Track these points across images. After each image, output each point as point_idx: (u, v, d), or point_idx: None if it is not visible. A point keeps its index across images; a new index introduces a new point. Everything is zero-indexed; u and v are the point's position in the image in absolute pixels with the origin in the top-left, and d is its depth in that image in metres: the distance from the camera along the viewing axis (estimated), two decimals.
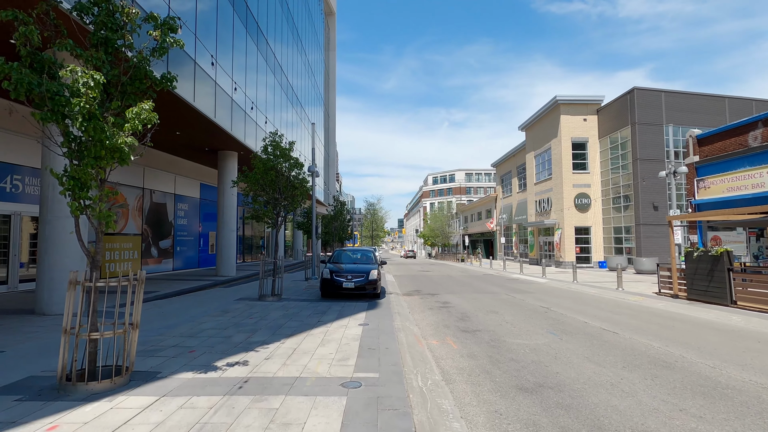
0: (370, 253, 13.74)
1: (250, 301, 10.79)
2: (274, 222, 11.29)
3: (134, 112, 4.11)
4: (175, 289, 13.08)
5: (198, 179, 21.48)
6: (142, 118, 4.15)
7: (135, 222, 16.88)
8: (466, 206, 63.68)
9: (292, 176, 11.38)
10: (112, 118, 4.16)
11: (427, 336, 7.36)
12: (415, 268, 31.25)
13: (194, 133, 15.22)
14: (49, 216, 8.37)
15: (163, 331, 7.12)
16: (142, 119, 4.17)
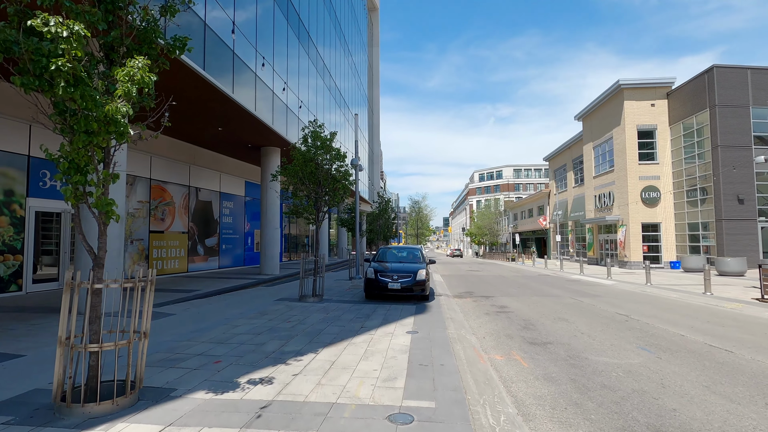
0: (417, 252, 12.72)
1: (290, 302, 10.13)
2: (315, 217, 10.56)
3: (125, 73, 3.37)
4: (216, 287, 12.76)
5: (243, 177, 21.45)
6: (136, 79, 3.40)
7: (181, 220, 16.93)
8: (515, 203, 60.87)
9: (333, 168, 10.59)
10: (101, 83, 3.43)
11: (488, 349, 6.24)
12: (463, 268, 29.81)
13: (236, 127, 14.90)
14: (84, 211, 8.07)
15: (193, 335, 6.52)
16: (137, 81, 3.41)
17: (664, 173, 26.32)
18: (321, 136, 10.25)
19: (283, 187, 10.55)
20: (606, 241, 30.18)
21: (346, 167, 10.66)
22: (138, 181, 14.78)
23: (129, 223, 14.28)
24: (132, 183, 14.50)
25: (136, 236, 14.59)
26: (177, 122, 14.04)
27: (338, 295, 11.81)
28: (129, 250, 14.22)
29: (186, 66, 9.61)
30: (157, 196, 15.68)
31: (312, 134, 10.34)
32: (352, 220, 18.53)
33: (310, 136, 10.42)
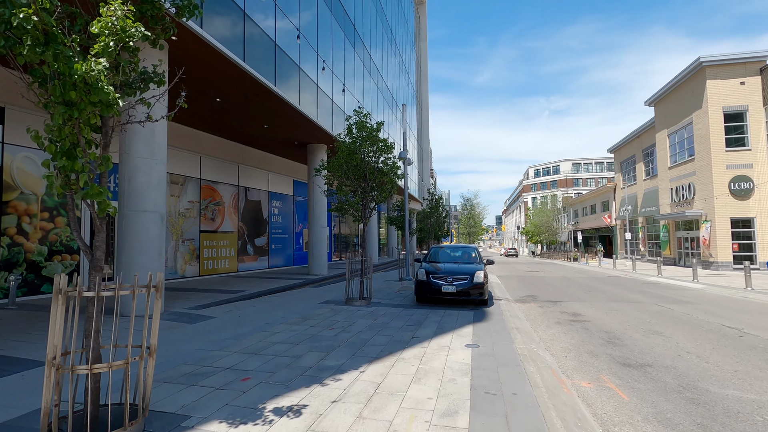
0: (473, 251, 11.57)
1: (336, 306, 9.42)
2: (361, 214, 9.78)
3: (103, 25, 2.67)
4: (263, 288, 12.40)
5: (291, 176, 21.31)
6: (116, 30, 2.69)
7: (231, 220, 16.94)
8: (575, 199, 57.02)
9: (380, 161, 9.76)
10: (76, 40, 2.76)
11: (569, 371, 5.08)
12: (520, 268, 27.95)
13: (281, 123, 14.53)
14: (125, 210, 7.84)
15: (227, 343, 5.93)
16: (117, 33, 2.71)
17: (758, 161, 22.94)
18: (367, 126, 9.45)
19: (327, 182, 9.89)
20: (685, 238, 26.98)
21: (394, 159, 9.78)
22: (188, 182, 14.85)
23: (180, 223, 14.36)
24: (182, 183, 14.59)
25: (187, 236, 14.66)
26: (224, 121, 13.91)
27: (387, 297, 10.96)
28: (180, 249, 14.30)
29: (225, 57, 9.20)
30: (207, 196, 15.73)
31: (357, 124, 9.57)
32: (401, 218, 17.67)
33: (355, 126, 9.65)
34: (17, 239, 9.80)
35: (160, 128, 8.18)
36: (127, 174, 7.85)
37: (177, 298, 10.15)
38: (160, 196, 8.13)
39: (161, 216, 8.14)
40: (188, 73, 9.96)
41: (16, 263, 9.74)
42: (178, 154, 14.37)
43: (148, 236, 7.86)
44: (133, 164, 7.84)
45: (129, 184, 7.84)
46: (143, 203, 7.85)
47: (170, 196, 14.01)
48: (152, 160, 7.99)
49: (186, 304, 9.25)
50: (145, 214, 7.87)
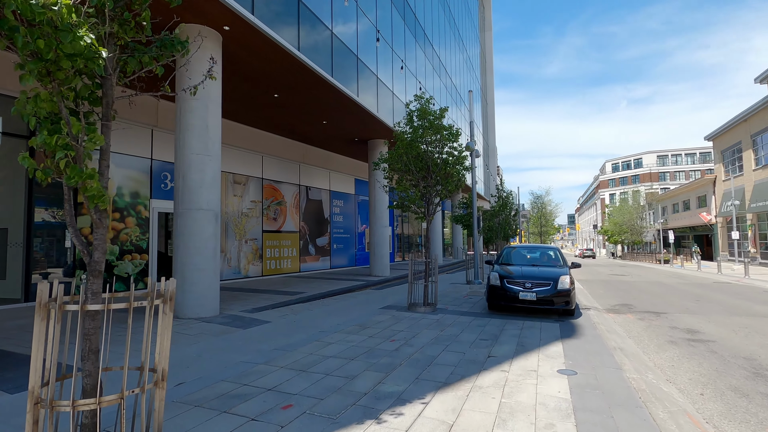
0: (554, 252, 10.10)
1: (397, 312, 8.55)
2: (425, 211, 8.82)
3: None
4: (322, 290, 11.89)
5: (352, 174, 20.88)
6: None
7: (293, 219, 16.80)
8: (663, 195, 51.24)
9: (444, 151, 8.73)
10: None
11: (714, 418, 3.72)
12: (602, 271, 25.21)
13: (340, 118, 14.01)
14: (180, 208, 7.59)
15: (275, 354, 5.28)
16: None
17: None
18: (429, 111, 8.47)
19: (387, 177, 9.05)
20: None
21: (460, 148, 8.70)
22: (251, 181, 14.85)
23: (243, 222, 14.38)
24: (245, 183, 14.61)
25: (250, 236, 14.65)
26: (283, 118, 13.67)
27: (454, 303, 9.88)
28: (243, 249, 14.31)
29: (281, 48, 8.72)
30: (269, 195, 15.67)
31: (419, 111, 8.62)
32: (468, 216, 16.42)
33: (416, 114, 8.72)
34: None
35: (213, 123, 7.85)
36: (181, 171, 7.60)
37: (236, 299, 9.90)
38: (214, 194, 7.80)
39: (215, 215, 7.81)
40: (245, 68, 9.67)
41: None
42: (240, 154, 14.40)
43: (202, 235, 7.55)
44: (187, 161, 7.57)
45: (183, 181, 7.57)
46: (197, 201, 7.55)
47: (233, 196, 14.07)
48: (206, 156, 7.67)
49: (243, 306, 8.90)
50: (199, 212, 7.56)
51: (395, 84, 15.83)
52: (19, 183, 9.09)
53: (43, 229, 9.39)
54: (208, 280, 7.58)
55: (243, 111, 12.78)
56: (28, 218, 9.07)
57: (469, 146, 11.18)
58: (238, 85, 10.61)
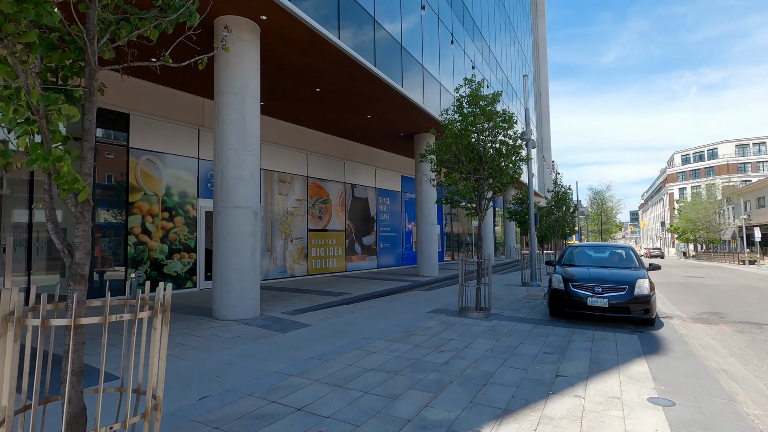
0: (627, 252, 8.88)
1: (447, 317, 7.82)
2: (476, 206, 8.02)
3: None
4: (367, 291, 11.39)
5: (399, 171, 20.28)
6: None
7: (338, 218, 16.50)
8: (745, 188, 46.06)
9: (498, 140, 7.88)
10: None
11: None
12: (675, 272, 22.79)
13: (384, 111, 13.45)
14: (218, 206, 7.36)
15: (310, 365, 4.78)
16: None
17: None
18: (481, 96, 7.66)
19: (434, 170, 8.33)
20: None
21: (516, 136, 7.81)
22: (295, 180, 14.69)
23: (289, 221, 14.24)
24: (290, 181, 14.46)
25: (296, 235, 14.49)
26: (326, 114, 13.33)
27: (510, 308, 8.98)
28: (289, 248, 14.17)
29: (321, 37, 8.29)
30: (314, 193, 15.45)
31: (469, 97, 7.83)
32: (523, 213, 15.24)
33: (466, 99, 7.94)
34: (142, 238, 10.29)
35: (251, 118, 7.55)
36: (219, 167, 7.36)
37: (279, 300, 9.64)
38: (252, 190, 7.49)
39: (254, 212, 7.50)
40: (284, 61, 9.35)
41: (141, 261, 10.23)
42: (284, 152, 14.27)
43: (240, 234, 7.26)
44: (225, 157, 7.32)
45: (221, 178, 7.33)
46: (235, 198, 7.27)
47: (278, 194, 13.96)
48: (244, 152, 7.38)
49: (284, 307, 8.57)
50: (237, 210, 7.28)
51: (442, 74, 15.02)
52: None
53: (103, 228, 9.63)
54: (248, 280, 7.29)
55: (285, 107, 12.58)
56: None
57: (525, 135, 10.17)
58: (278, 79, 10.35)
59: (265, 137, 13.36)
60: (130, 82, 10.17)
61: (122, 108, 10.09)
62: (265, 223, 13.41)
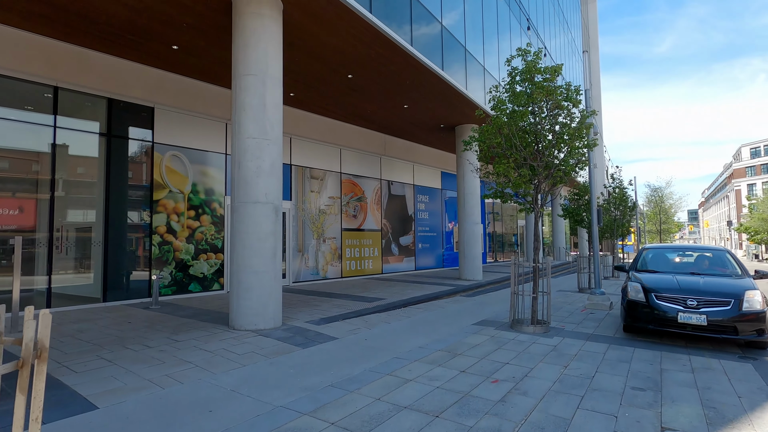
0: (723, 256, 7.27)
1: (497, 330, 6.62)
2: (532, 200, 6.76)
3: None
4: (404, 297, 10.33)
5: (438, 167, 19.05)
6: None
7: (374, 216, 15.55)
8: None
9: (559, 121, 6.59)
10: None
11: None
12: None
13: (422, 99, 12.35)
14: (235, 201, 6.57)
15: (326, 398, 3.79)
16: None
17: None
18: (538, 69, 6.40)
19: (480, 158, 7.12)
20: None
21: (586, 114, 6.49)
22: (329, 176, 13.89)
23: (321, 220, 13.45)
24: (322, 178, 13.67)
25: (329, 234, 13.68)
26: (360, 105, 12.41)
27: (571, 320, 7.61)
28: (321, 249, 13.37)
29: (349, 10, 7.33)
30: (348, 191, 14.59)
31: (525, 69, 6.58)
32: (578, 208, 13.62)
33: (520, 75, 6.69)
34: (167, 237, 9.80)
35: (272, 102, 6.71)
36: (237, 158, 6.57)
37: (306, 305, 8.79)
38: (273, 184, 6.65)
39: (275, 209, 6.65)
40: (311, 42, 8.49)
41: (166, 261, 9.74)
42: (316, 147, 13.50)
43: (259, 233, 6.43)
44: (242, 146, 6.52)
45: (238, 170, 6.53)
46: (253, 193, 6.45)
47: (310, 192, 13.19)
48: (264, 140, 6.55)
49: (311, 315, 7.69)
50: (256, 206, 6.45)
51: (487, 59, 13.70)
52: (100, 183, 8.95)
53: (128, 228, 9.20)
54: (267, 285, 6.44)
55: (316, 97, 11.76)
56: (105, 218, 8.90)
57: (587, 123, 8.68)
58: (307, 64, 9.51)
59: (295, 131, 12.63)
60: (155, 73, 9.70)
61: (146, 101, 9.62)
62: (297, 222, 12.68)
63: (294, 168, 12.78)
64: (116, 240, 9.08)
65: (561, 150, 6.41)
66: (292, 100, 11.86)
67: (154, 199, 9.65)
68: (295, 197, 12.71)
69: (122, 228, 9.21)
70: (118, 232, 9.13)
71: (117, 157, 9.19)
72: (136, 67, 9.41)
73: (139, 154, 9.56)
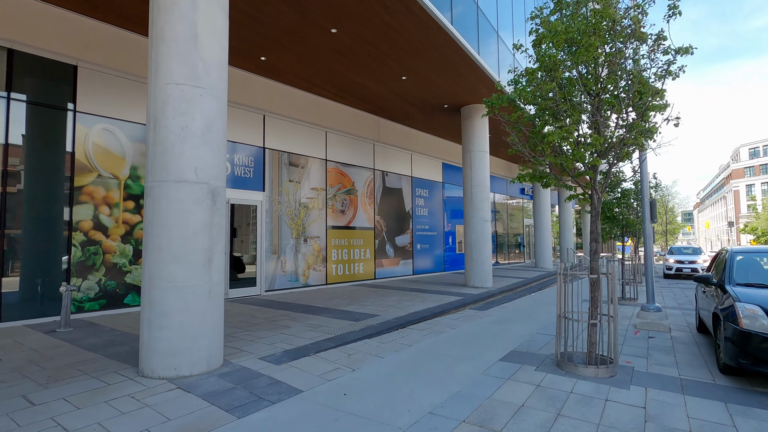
0: None
1: (538, 373, 4.47)
2: (592, 179, 4.60)
3: None
4: (401, 312, 8.17)
5: (440, 158, 16.88)
6: None
7: (365, 212, 13.36)
8: None
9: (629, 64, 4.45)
10: None
11: None
12: None
13: (424, 67, 10.19)
14: (149, 180, 4.35)
15: None
16: None
17: None
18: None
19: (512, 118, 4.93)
20: None
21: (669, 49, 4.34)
22: (311, 164, 11.68)
23: (302, 216, 11.24)
24: (304, 165, 11.46)
25: (311, 233, 11.47)
26: (348, 75, 10.20)
27: (632, 350, 5.46)
28: (302, 250, 11.16)
29: None
30: (336, 181, 12.39)
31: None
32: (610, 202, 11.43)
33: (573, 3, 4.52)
34: (93, 236, 7.55)
35: (209, 32, 4.50)
36: (152, 114, 4.36)
37: (272, 326, 6.59)
38: (210, 156, 4.44)
39: (212, 192, 4.44)
40: None
41: (92, 266, 7.48)
42: (296, 128, 11.30)
43: (184, 228, 4.23)
44: (160, 97, 4.31)
45: (154, 132, 4.32)
46: (175, 167, 4.25)
47: (288, 181, 10.98)
48: (193, 88, 4.34)
49: (272, 345, 5.49)
50: (180, 187, 4.24)
51: (501, 23, 11.56)
52: None
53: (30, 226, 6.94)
54: (197, 307, 4.24)
55: (294, 64, 9.55)
56: (2, 211, 6.64)
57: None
58: (278, 12, 7.31)
59: (270, 107, 10.42)
60: (78, 21, 7.44)
61: (66, 57, 7.37)
62: (271, 218, 10.46)
63: (268, 152, 10.56)
64: (18, 240, 6.82)
65: (638, 106, 4.25)
66: (264, 67, 9.65)
67: (75, 186, 7.39)
68: (269, 188, 10.49)
69: (29, 224, 6.94)
70: (23, 230, 6.87)
71: (19, 128, 6.91)
72: (52, 10, 7.15)
73: (54, 126, 7.29)
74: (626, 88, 4.21)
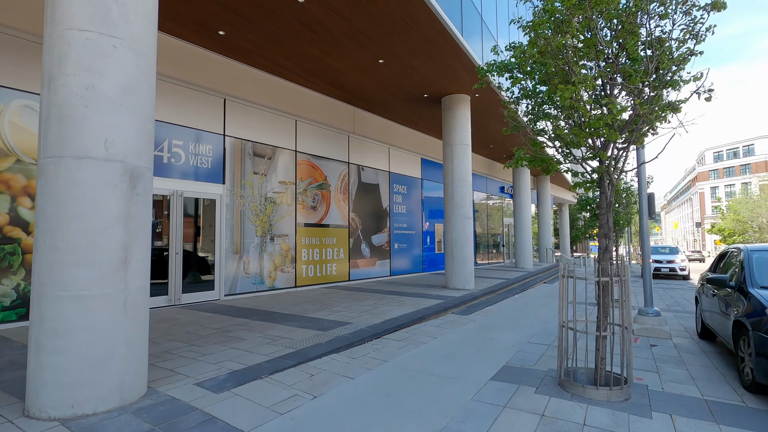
0: None
1: (539, 396, 3.67)
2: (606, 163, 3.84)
3: None
4: (376, 319, 7.28)
5: (419, 153, 16.07)
6: None
7: (339, 209, 12.40)
8: None
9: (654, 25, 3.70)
10: None
11: None
12: None
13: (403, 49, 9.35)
14: (44, 156, 3.31)
15: None
16: None
17: None
18: None
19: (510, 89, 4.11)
20: None
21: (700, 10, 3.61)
22: (279, 155, 10.65)
23: (268, 211, 10.20)
24: (271, 156, 10.42)
25: (279, 231, 10.44)
26: (319, 57, 9.23)
27: (640, 362, 4.75)
28: (268, 250, 10.12)
29: None
30: (306, 175, 11.39)
31: None
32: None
33: None
34: (10, 232, 6.35)
35: None
36: (47, 69, 3.32)
37: (223, 338, 5.59)
38: (125, 124, 3.43)
39: (130, 173, 3.43)
40: None
41: (8, 268, 6.28)
42: (263, 115, 10.27)
43: (89, 219, 3.21)
44: (59, 48, 3.27)
45: (48, 92, 3.28)
46: (77, 138, 3.23)
47: (253, 174, 9.92)
48: (106, 37, 3.33)
49: (217, 364, 4.51)
50: (83, 164, 3.22)
51: (485, 8, 10.84)
52: None
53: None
54: (105, 323, 3.23)
55: (259, 42, 8.52)
56: None
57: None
58: None
59: (232, 90, 9.35)
60: None
61: None
62: (233, 214, 9.40)
63: (229, 140, 9.49)
64: None
65: (665, 73, 3.51)
66: (226, 44, 8.59)
67: None
68: (230, 180, 9.42)
69: None
70: None
71: None
72: None
73: None
74: (656, 44, 3.44)
